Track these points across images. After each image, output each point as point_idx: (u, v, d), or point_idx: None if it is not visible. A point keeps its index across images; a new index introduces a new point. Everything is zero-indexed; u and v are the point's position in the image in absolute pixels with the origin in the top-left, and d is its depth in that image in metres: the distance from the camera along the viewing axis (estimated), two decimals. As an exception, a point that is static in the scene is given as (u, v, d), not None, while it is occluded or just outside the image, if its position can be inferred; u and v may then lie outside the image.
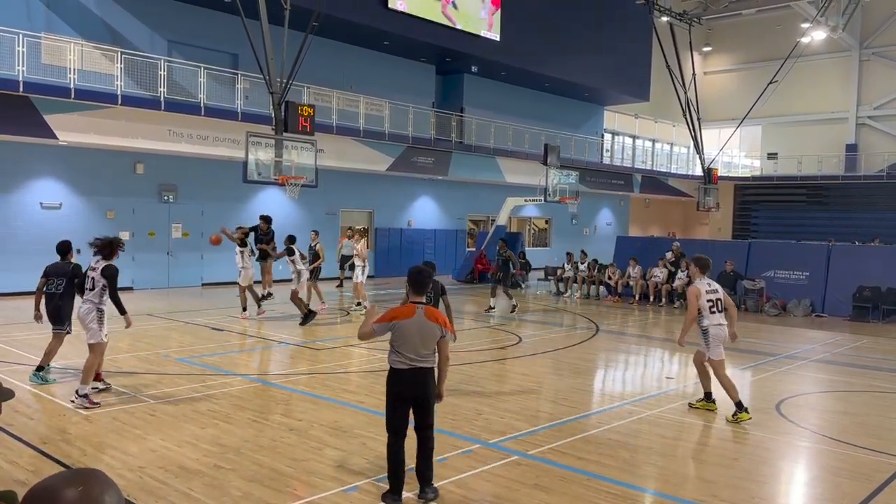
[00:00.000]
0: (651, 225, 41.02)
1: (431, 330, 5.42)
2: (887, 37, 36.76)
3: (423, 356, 5.40)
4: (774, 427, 7.95)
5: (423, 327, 5.38)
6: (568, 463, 6.49)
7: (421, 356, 5.39)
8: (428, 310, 5.45)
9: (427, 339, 5.41)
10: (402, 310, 5.47)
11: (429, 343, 5.43)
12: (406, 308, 5.46)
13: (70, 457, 6.37)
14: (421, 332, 5.37)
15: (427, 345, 5.42)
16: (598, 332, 14.80)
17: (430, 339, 5.43)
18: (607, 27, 30.96)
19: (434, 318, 5.45)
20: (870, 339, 14.85)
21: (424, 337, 5.39)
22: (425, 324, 5.39)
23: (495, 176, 28.24)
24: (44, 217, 18.21)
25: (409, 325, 5.35)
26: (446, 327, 5.51)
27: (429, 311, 5.44)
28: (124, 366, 10.09)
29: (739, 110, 32.77)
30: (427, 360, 5.45)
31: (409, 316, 5.38)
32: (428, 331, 5.40)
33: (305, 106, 16.88)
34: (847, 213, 36.97)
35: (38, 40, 16.83)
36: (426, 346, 5.41)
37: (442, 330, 5.47)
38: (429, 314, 5.43)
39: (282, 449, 6.72)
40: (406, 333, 5.35)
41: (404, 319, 5.37)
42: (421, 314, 5.39)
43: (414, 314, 5.38)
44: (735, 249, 21.08)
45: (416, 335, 5.34)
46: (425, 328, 5.39)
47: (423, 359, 5.41)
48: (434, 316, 5.47)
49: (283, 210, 23.26)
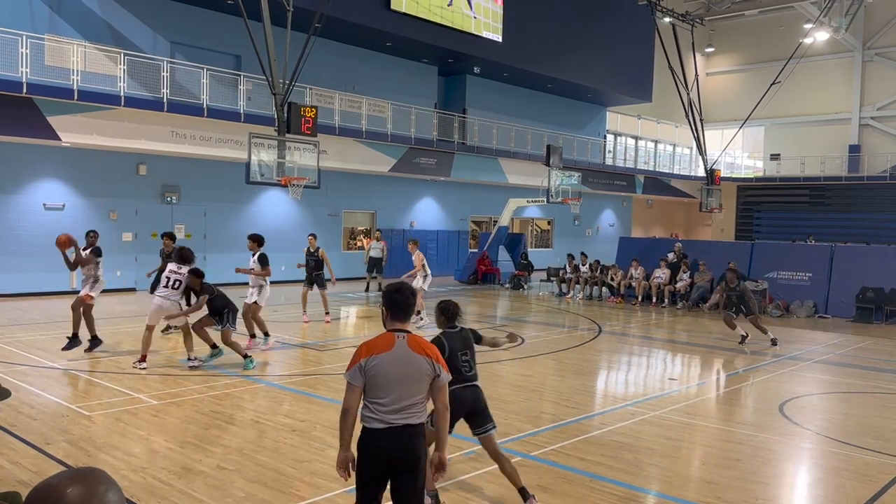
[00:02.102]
0: (653, 226, 40.99)
1: (419, 366, 3.88)
2: (890, 37, 36.70)
3: (409, 407, 3.87)
4: (777, 428, 7.94)
5: (408, 363, 3.87)
6: (571, 464, 6.48)
7: (405, 408, 3.86)
8: (413, 339, 3.95)
9: (414, 380, 3.87)
10: (375, 341, 3.94)
11: (417, 386, 3.88)
12: (382, 338, 3.94)
13: (73, 457, 6.38)
14: (405, 370, 3.86)
15: (414, 389, 3.88)
16: (601, 333, 14.78)
17: (417, 381, 3.88)
18: (609, 28, 30.96)
19: (422, 350, 3.93)
20: (873, 341, 14.81)
21: (410, 377, 3.87)
22: (410, 358, 3.88)
23: (498, 177, 28.24)
24: (47, 218, 18.24)
25: (386, 362, 3.84)
26: (439, 362, 3.96)
27: (414, 341, 3.94)
28: (126, 366, 10.10)
29: (742, 111, 32.73)
30: (414, 413, 3.89)
31: (387, 348, 3.87)
32: (414, 368, 3.87)
33: (308, 107, 16.88)
34: (850, 214, 36.92)
35: (42, 42, 16.87)
36: (413, 390, 3.88)
37: (434, 365, 3.92)
38: (414, 344, 3.93)
39: (285, 450, 6.72)
40: (383, 373, 3.83)
41: (379, 354, 3.86)
42: (403, 345, 3.89)
43: (393, 345, 3.88)
44: (738, 251, 21.06)
45: (397, 375, 3.84)
46: (411, 364, 3.87)
47: (408, 411, 3.87)
48: (422, 347, 3.95)
49: (285, 211, 23.31)
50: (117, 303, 17.11)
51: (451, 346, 5.37)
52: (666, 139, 39.98)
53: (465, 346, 5.51)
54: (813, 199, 38.62)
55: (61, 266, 10.77)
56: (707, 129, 32.38)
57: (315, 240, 15.38)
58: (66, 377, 9.50)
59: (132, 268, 19.77)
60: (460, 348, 5.46)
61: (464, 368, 5.46)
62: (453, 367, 5.06)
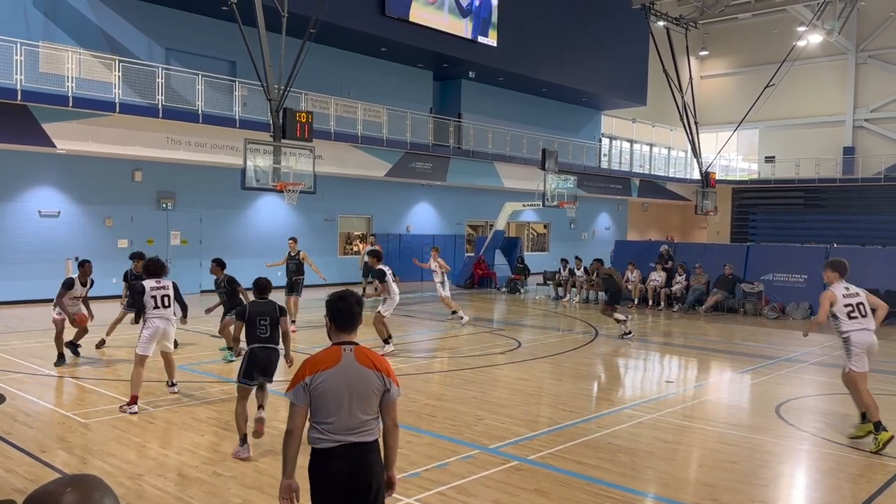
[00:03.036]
0: (649, 229, 41.06)
1: (368, 381, 3.62)
2: (883, 40, 36.88)
3: (360, 425, 3.60)
4: (774, 430, 7.95)
5: (357, 379, 3.61)
6: (568, 468, 6.49)
7: (356, 426, 3.59)
8: (361, 352, 3.69)
9: (363, 395, 3.61)
10: (320, 356, 3.67)
11: (367, 402, 3.63)
12: (327, 353, 3.68)
13: (69, 465, 6.36)
14: (353, 386, 3.60)
15: (365, 405, 3.62)
16: (598, 336, 14.80)
17: (367, 397, 3.62)
18: (604, 32, 31.07)
19: (371, 364, 3.66)
20: (869, 342, 14.84)
21: (359, 393, 3.60)
22: (358, 372, 3.62)
23: (493, 181, 28.28)
24: (42, 225, 18.20)
25: (333, 378, 3.58)
26: (389, 376, 3.69)
27: (362, 354, 3.69)
28: (123, 374, 10.07)
29: (736, 114, 32.84)
30: (367, 431, 3.63)
31: (333, 363, 3.62)
32: (363, 383, 3.62)
33: (303, 112, 16.88)
34: (845, 215, 37.04)
35: (37, 49, 16.86)
36: (363, 407, 3.61)
37: (384, 380, 3.67)
38: (362, 357, 3.67)
39: (281, 456, 6.70)
40: (330, 391, 3.57)
41: (325, 370, 3.59)
42: (351, 358, 3.64)
43: (339, 360, 3.63)
44: (734, 253, 21.09)
45: (345, 392, 3.58)
46: (360, 380, 3.61)
47: (359, 429, 3.60)
48: (371, 360, 3.69)
49: (281, 216, 23.29)
50: (114, 309, 17.04)
51: (252, 312, 7.00)
52: (661, 142, 40.08)
53: (265, 313, 6.97)
54: (808, 201, 38.75)
55: (56, 273, 10.80)
56: (702, 132, 32.46)
57: (296, 243, 15.13)
58: (62, 384, 9.47)
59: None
60: (260, 314, 6.97)
61: (260, 331, 6.94)
62: (252, 330, 6.91)
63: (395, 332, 12.88)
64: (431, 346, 13.61)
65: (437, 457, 6.67)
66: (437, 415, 8.23)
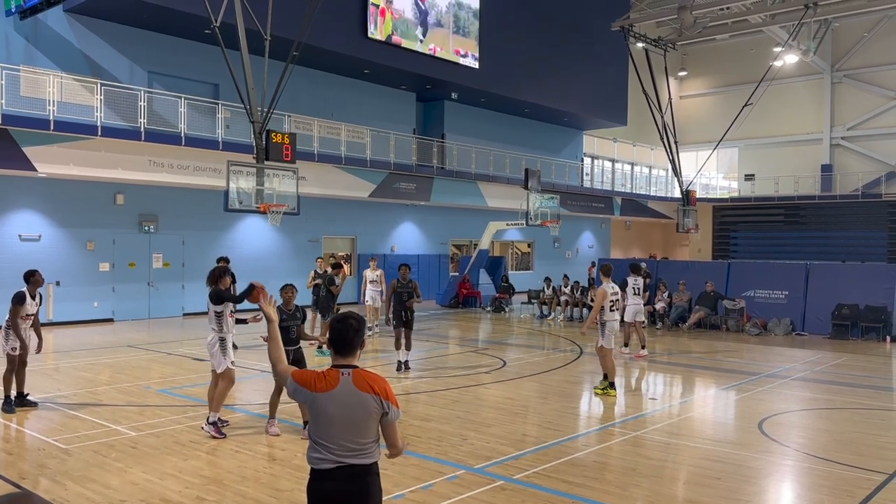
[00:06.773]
0: (632, 247, 41.36)
1: (365, 406, 3.57)
2: (857, 59, 37.64)
3: (358, 448, 3.58)
4: (757, 445, 8.00)
5: (353, 404, 3.56)
6: (553, 486, 6.49)
7: (353, 449, 3.57)
8: (358, 375, 3.62)
9: (360, 420, 3.57)
10: (319, 376, 3.65)
11: (364, 427, 3.58)
12: (327, 375, 3.63)
13: (50, 492, 6.27)
14: (349, 410, 3.55)
15: (361, 430, 3.58)
16: (582, 354, 14.84)
17: (364, 421, 3.58)
18: (584, 54, 31.47)
19: (369, 387, 3.59)
20: (849, 357, 15.00)
21: (355, 418, 3.56)
22: (356, 397, 3.56)
23: (477, 201, 28.41)
24: (23, 249, 18.02)
25: (328, 401, 3.56)
26: (388, 398, 3.62)
27: (360, 377, 3.61)
28: (104, 398, 9.96)
29: (716, 133, 33.28)
30: (365, 453, 3.60)
31: (330, 387, 3.57)
32: (360, 408, 3.57)
33: (286, 134, 16.92)
34: (824, 232, 37.54)
35: (17, 73, 16.80)
36: (360, 431, 3.58)
37: (383, 403, 3.60)
38: (360, 382, 3.60)
39: (265, 479, 6.66)
40: (325, 413, 3.56)
41: (322, 392, 3.58)
42: (349, 383, 3.58)
43: (337, 384, 3.58)
44: (715, 270, 21.28)
45: (341, 416, 3.55)
46: (356, 405, 3.56)
47: (358, 452, 3.59)
48: (368, 384, 3.60)
49: (265, 238, 23.24)
50: (96, 333, 16.90)
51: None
52: (642, 161, 40.50)
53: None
54: (788, 219, 39.25)
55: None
56: (682, 151, 32.86)
57: (324, 263, 15.66)
58: (43, 410, 9.35)
59: (109, 298, 19.57)
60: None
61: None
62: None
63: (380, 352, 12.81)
64: (416, 365, 13.58)
65: (422, 478, 6.65)
66: (422, 435, 8.21)
